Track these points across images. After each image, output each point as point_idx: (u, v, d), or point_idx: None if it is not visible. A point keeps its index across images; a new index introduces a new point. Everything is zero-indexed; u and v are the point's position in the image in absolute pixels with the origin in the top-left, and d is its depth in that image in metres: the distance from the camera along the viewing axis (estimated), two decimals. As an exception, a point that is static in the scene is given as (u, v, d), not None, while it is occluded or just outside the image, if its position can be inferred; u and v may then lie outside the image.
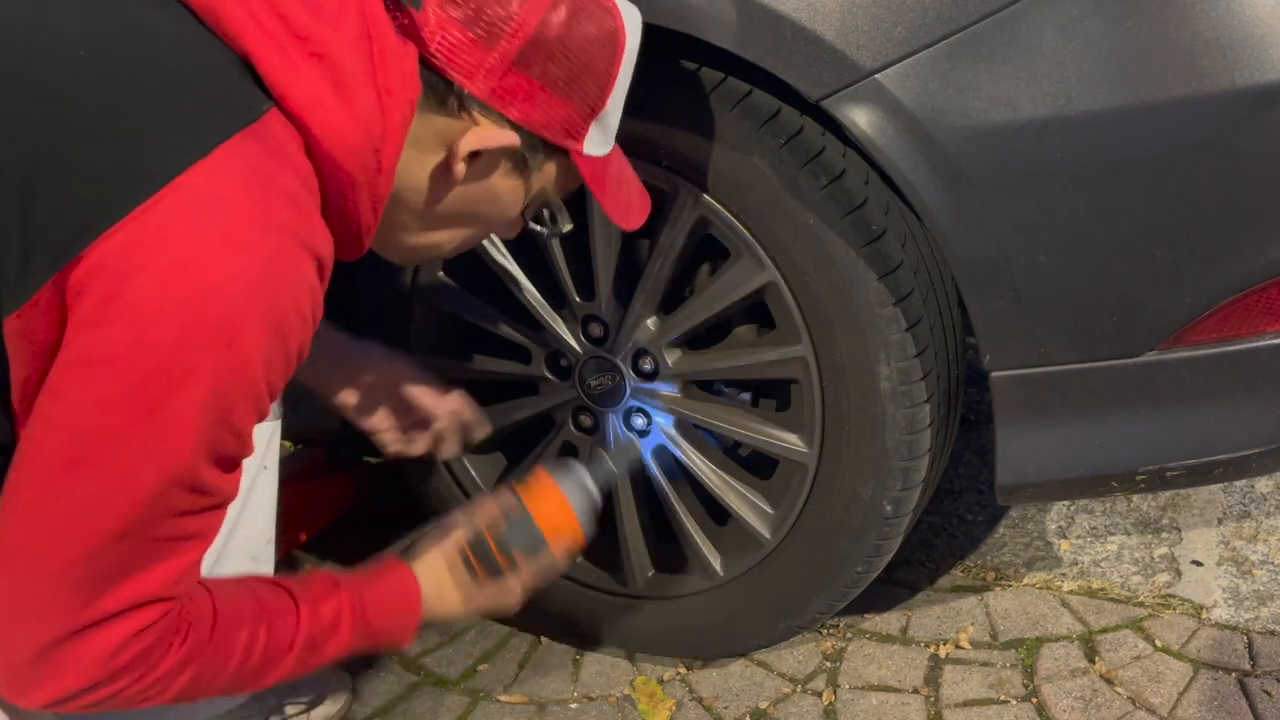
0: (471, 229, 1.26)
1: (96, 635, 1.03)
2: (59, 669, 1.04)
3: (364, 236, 1.16)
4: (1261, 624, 1.89)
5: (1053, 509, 2.19)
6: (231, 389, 1.00)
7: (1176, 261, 1.41)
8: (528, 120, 1.15)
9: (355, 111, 1.06)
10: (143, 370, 0.96)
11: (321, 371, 1.49)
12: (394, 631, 1.30)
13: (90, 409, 0.97)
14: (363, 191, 1.11)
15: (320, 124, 1.05)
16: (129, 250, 0.95)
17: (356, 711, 1.84)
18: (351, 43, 1.06)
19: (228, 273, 0.96)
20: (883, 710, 1.79)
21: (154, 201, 0.95)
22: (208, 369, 0.97)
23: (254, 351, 0.99)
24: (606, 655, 1.93)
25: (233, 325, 0.97)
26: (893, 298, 1.51)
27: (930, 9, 1.35)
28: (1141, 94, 1.34)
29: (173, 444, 0.99)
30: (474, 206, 1.21)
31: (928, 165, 1.39)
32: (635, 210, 1.29)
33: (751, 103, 1.48)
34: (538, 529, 1.36)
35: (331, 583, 1.25)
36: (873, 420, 1.57)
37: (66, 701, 1.06)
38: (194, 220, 0.96)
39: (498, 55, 1.12)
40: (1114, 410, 1.51)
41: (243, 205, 0.98)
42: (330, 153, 1.07)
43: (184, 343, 0.96)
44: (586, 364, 1.73)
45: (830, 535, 1.68)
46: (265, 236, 0.99)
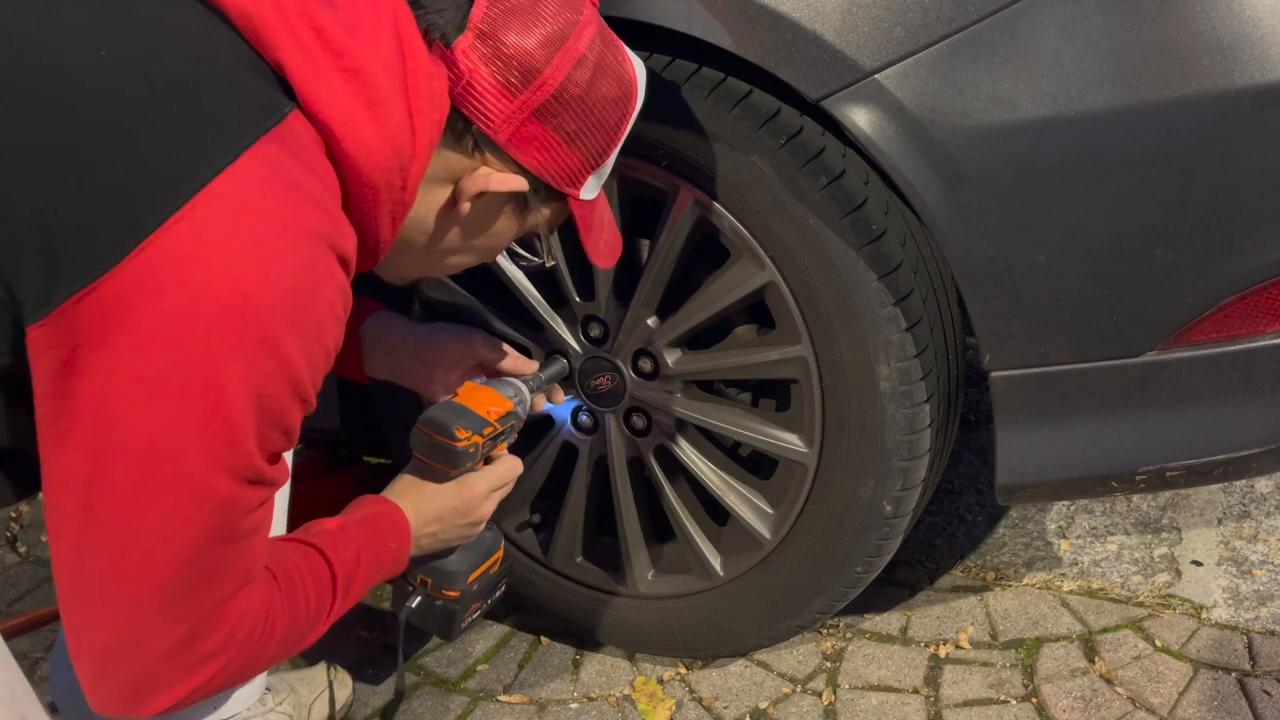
0: (462, 258, 1.29)
1: (205, 636, 1.06)
2: (179, 674, 1.07)
3: (379, 251, 1.18)
4: (1261, 624, 1.89)
5: (1053, 509, 2.19)
6: (280, 393, 1.02)
7: (1176, 261, 1.41)
8: (538, 168, 1.19)
9: (385, 130, 1.08)
10: (194, 385, 0.97)
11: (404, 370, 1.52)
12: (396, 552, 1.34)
13: (146, 429, 0.98)
14: (384, 208, 1.13)
15: (351, 140, 1.07)
16: (164, 263, 0.96)
17: (356, 711, 1.84)
18: (385, 60, 1.08)
19: (264, 281, 0.98)
20: (883, 710, 1.80)
21: (186, 211, 0.96)
22: (255, 377, 0.99)
23: (295, 355, 1.01)
24: (606, 655, 1.93)
25: (274, 332, 0.99)
26: (893, 298, 1.51)
27: (930, 9, 1.35)
28: (1141, 94, 1.34)
29: (234, 451, 1.01)
30: (470, 240, 1.25)
31: (928, 165, 1.39)
32: (611, 251, 1.33)
33: (751, 103, 1.48)
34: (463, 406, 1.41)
35: (336, 526, 1.28)
36: (873, 420, 1.57)
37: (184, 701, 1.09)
38: (227, 230, 0.97)
39: (520, 104, 1.15)
40: (1114, 410, 1.51)
41: (273, 212, 1.00)
42: (357, 169, 1.08)
43: (230, 354, 0.97)
44: (586, 364, 1.73)
45: (830, 535, 1.68)
46: (297, 243, 1.00)
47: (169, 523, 1.00)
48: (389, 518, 1.35)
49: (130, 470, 0.99)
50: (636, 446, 1.77)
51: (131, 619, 1.03)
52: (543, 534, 1.90)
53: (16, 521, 2.36)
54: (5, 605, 2.13)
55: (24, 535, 2.32)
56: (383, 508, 1.35)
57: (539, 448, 1.84)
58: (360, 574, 1.27)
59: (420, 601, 1.46)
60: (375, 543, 1.31)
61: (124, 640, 1.04)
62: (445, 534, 1.40)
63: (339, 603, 1.24)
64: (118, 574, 1.02)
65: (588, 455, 1.81)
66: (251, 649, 1.11)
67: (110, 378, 0.97)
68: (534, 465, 1.81)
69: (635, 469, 1.80)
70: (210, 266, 0.96)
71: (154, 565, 1.01)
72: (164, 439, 0.98)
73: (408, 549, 1.36)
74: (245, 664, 1.12)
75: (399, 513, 1.35)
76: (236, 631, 1.09)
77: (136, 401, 0.97)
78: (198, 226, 0.96)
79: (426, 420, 1.40)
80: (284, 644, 1.17)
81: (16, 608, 2.11)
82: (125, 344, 0.96)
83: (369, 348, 1.52)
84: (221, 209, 0.97)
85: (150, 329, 0.96)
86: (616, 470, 1.79)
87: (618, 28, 1.39)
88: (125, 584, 1.02)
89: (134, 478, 0.99)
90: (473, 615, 1.51)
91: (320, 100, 1.06)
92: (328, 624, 1.24)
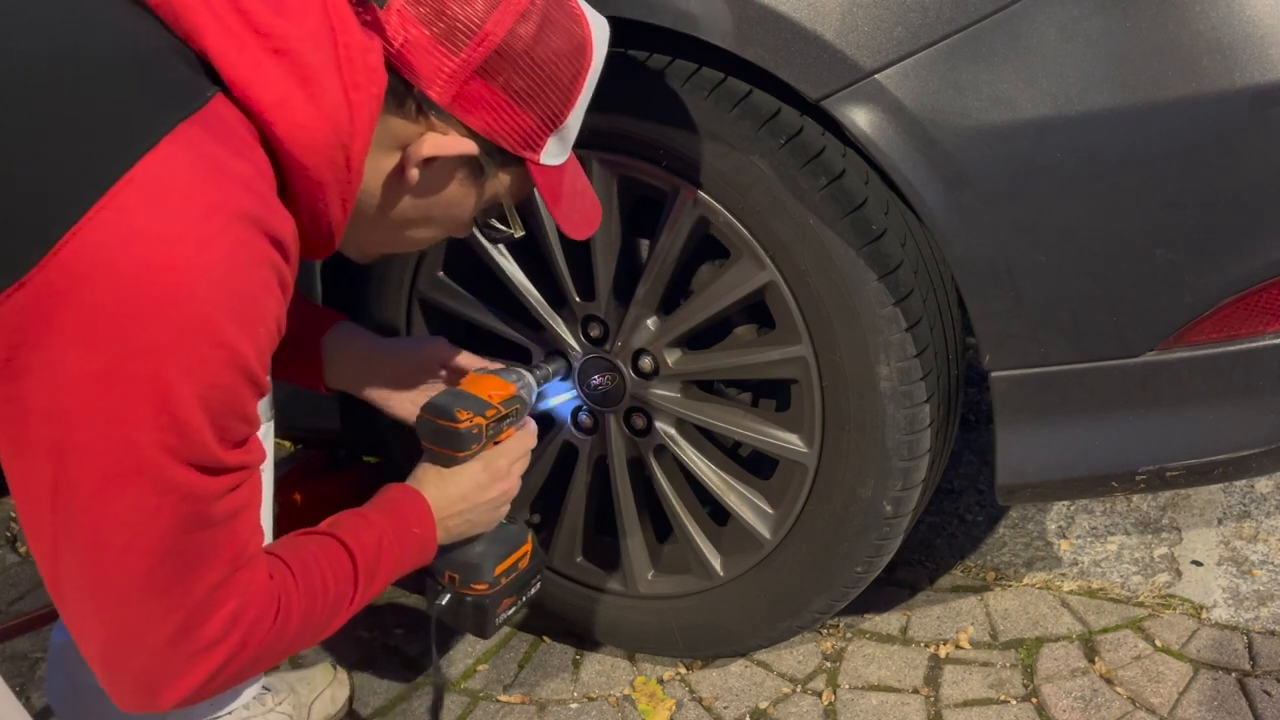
0: (424, 231, 1.25)
1: (202, 622, 1.05)
2: (186, 663, 1.05)
3: (334, 235, 1.14)
4: (1261, 624, 1.89)
5: (1053, 509, 2.19)
6: (228, 381, 1.00)
7: (1176, 261, 1.41)
8: (487, 130, 1.14)
9: (321, 108, 1.04)
10: (138, 379, 0.95)
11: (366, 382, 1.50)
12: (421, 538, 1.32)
13: (99, 425, 0.96)
14: (332, 190, 1.09)
15: (285, 122, 1.04)
16: (91, 254, 0.93)
17: (356, 711, 1.84)
18: (315, 37, 1.04)
19: (196, 268, 0.95)
20: (883, 710, 1.80)
21: (107, 199, 0.93)
22: (199, 367, 0.97)
23: (238, 340, 0.99)
24: (606, 655, 1.93)
25: (212, 320, 0.97)
26: (893, 298, 1.51)
27: (930, 9, 1.35)
28: (1141, 94, 1.34)
29: (188, 443, 0.99)
30: (426, 211, 1.21)
31: (928, 165, 1.39)
32: (587, 221, 1.28)
33: (751, 103, 1.48)
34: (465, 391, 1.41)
35: (357, 514, 1.27)
36: (873, 420, 1.57)
37: (202, 690, 1.07)
38: (152, 217, 0.95)
39: (460, 62, 1.10)
40: (1114, 410, 1.51)
41: (197, 196, 0.97)
42: (294, 152, 1.05)
43: (170, 346, 0.95)
44: (586, 364, 1.73)
45: (830, 535, 1.68)
46: (225, 226, 0.97)
47: (137, 516, 0.99)
48: (410, 502, 1.33)
49: (92, 467, 0.97)
50: (636, 446, 1.77)
51: (122, 614, 1.02)
52: (543, 534, 1.90)
53: (16, 522, 2.36)
54: (5, 605, 2.13)
55: (24, 535, 2.32)
56: (403, 493, 1.34)
57: (539, 448, 1.84)
58: (384, 560, 1.25)
59: (450, 599, 1.44)
60: (397, 528, 1.28)
61: (119, 636, 1.03)
62: (471, 514, 1.38)
63: (362, 588, 1.22)
64: (98, 571, 1.01)
65: (588, 455, 1.81)
66: (264, 634, 1.10)
67: (56, 376, 0.95)
68: (534, 465, 1.81)
69: (635, 469, 1.80)
70: (139, 255, 0.94)
71: (131, 559, 1.00)
72: (118, 434, 0.96)
73: (433, 533, 1.33)
74: (262, 649, 1.10)
75: (419, 497, 1.33)
76: (241, 616, 1.07)
77: (86, 398, 0.95)
78: (121, 215, 0.94)
79: (429, 406, 1.39)
80: (304, 629, 1.15)
81: (16, 607, 2.11)
82: (65, 340, 0.94)
83: (330, 359, 1.49)
84: (144, 195, 0.95)
85: (87, 323, 0.94)
86: (616, 470, 1.79)
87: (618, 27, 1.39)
88: (108, 580, 1.01)
89: (96, 474, 0.97)
90: (506, 612, 1.47)
91: (249, 83, 1.02)
92: (352, 610, 1.22)
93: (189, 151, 0.98)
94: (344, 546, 1.22)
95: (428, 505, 1.33)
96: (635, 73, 1.52)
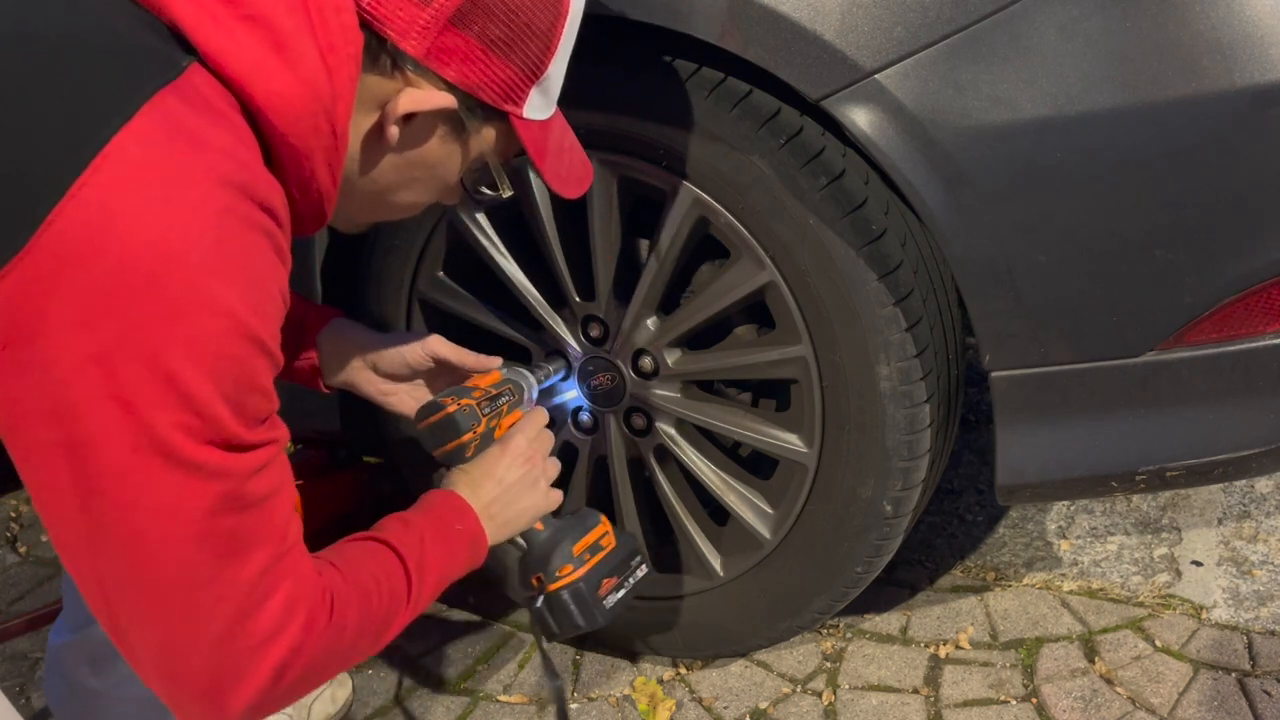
0: (410, 194, 1.21)
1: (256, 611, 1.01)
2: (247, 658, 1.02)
3: (325, 205, 1.12)
4: (1261, 624, 1.89)
5: (1053, 509, 2.19)
6: (235, 351, 0.97)
7: (1176, 261, 1.41)
8: (465, 82, 1.11)
9: (300, 74, 1.02)
10: (140, 359, 0.92)
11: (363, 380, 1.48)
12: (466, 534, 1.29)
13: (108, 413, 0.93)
14: (319, 158, 1.07)
15: (265, 91, 1.01)
16: (77, 234, 0.91)
17: (356, 711, 1.84)
18: (286, 2, 1.01)
19: (186, 239, 0.93)
20: (883, 710, 1.80)
21: (87, 176, 0.91)
22: (203, 340, 0.94)
23: (239, 308, 0.96)
24: (606, 655, 1.93)
25: (207, 288, 0.94)
26: (893, 298, 1.51)
27: (930, 9, 1.35)
28: (1141, 94, 1.34)
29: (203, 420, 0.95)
30: (410, 171, 1.17)
31: (928, 165, 1.39)
32: (576, 179, 1.25)
33: (751, 103, 1.48)
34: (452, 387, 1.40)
35: (396, 519, 1.24)
36: (873, 420, 1.57)
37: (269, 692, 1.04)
38: (134, 191, 0.92)
39: (433, 13, 1.07)
40: (1114, 410, 1.51)
41: (179, 167, 0.94)
42: (276, 120, 1.02)
43: (169, 321, 0.92)
44: (586, 364, 1.73)
45: (830, 535, 1.68)
46: (209, 194, 0.95)
47: (167, 503, 0.96)
48: (443, 499, 1.30)
49: (111, 458, 0.94)
50: (636, 446, 1.77)
51: (171, 609, 0.99)
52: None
53: (16, 521, 2.36)
54: (5, 605, 2.13)
55: (24, 535, 2.32)
56: (436, 495, 1.32)
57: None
58: (430, 558, 1.21)
59: (544, 601, 1.39)
60: (438, 526, 1.25)
61: (172, 636, 1.00)
62: (509, 496, 1.35)
63: (415, 586, 1.19)
64: (139, 567, 0.98)
65: (588, 455, 1.81)
66: (323, 629, 1.06)
67: (56, 366, 0.92)
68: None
69: (635, 469, 1.80)
70: (124, 231, 0.91)
71: (170, 549, 0.97)
72: (128, 421, 0.93)
73: (478, 526, 1.30)
74: (323, 648, 1.07)
75: (452, 494, 1.31)
76: (294, 607, 1.04)
77: (90, 385, 0.92)
78: (103, 191, 0.91)
79: (419, 412, 1.38)
80: (363, 628, 1.12)
81: (16, 608, 2.12)
82: (58, 328, 0.91)
83: (326, 358, 1.46)
84: (124, 169, 0.92)
85: (79, 307, 0.91)
86: (616, 470, 1.79)
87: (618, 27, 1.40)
88: (150, 576, 0.98)
89: (117, 464, 0.94)
90: (614, 594, 1.40)
91: (224, 52, 1.00)
92: (410, 610, 1.19)
93: (166, 122, 0.95)
94: (387, 546, 1.19)
95: (463, 499, 1.31)
96: (635, 73, 1.52)
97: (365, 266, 1.80)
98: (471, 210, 1.70)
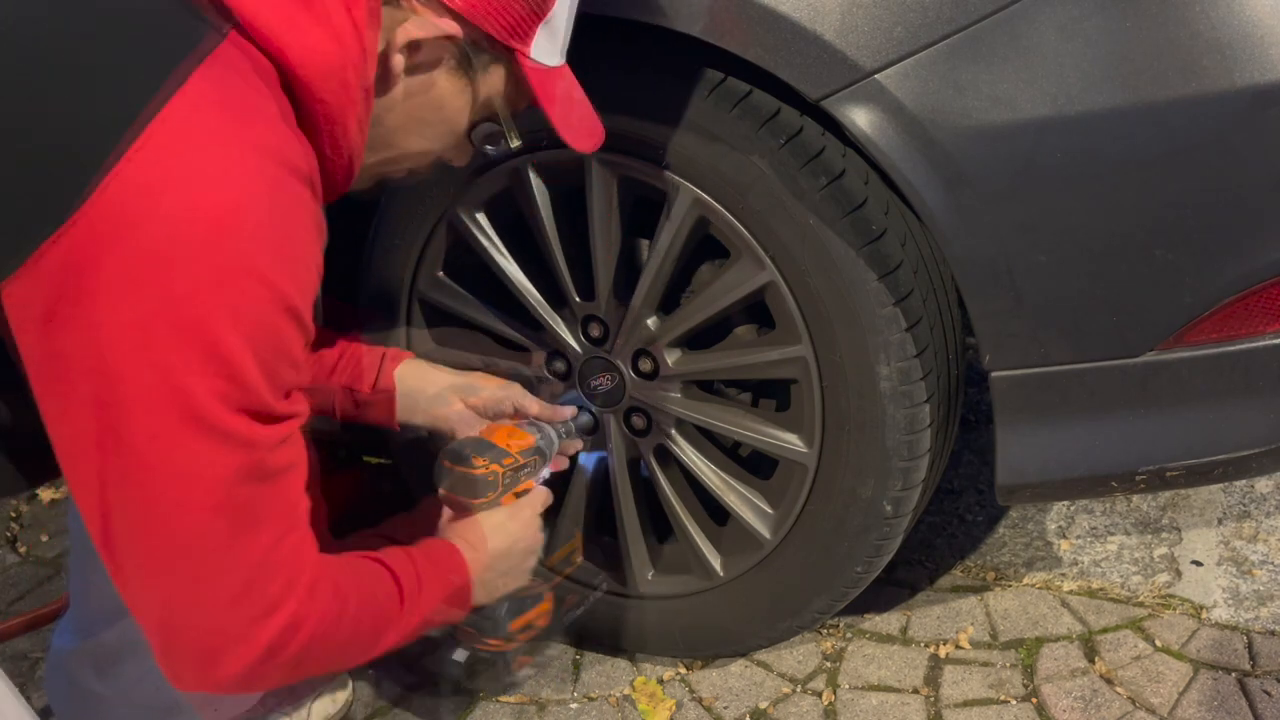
0: (419, 140, 1.21)
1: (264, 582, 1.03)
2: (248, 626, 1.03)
3: (354, 163, 1.13)
4: (1261, 624, 1.89)
5: (1053, 509, 2.19)
6: (274, 321, 0.98)
7: (1176, 261, 1.41)
8: (470, 10, 1.11)
9: (328, 28, 1.03)
10: (184, 323, 0.94)
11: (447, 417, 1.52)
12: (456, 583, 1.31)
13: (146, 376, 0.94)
14: (350, 114, 1.08)
15: (298, 47, 1.02)
16: (131, 197, 0.92)
17: (356, 711, 1.84)
18: None
19: (239, 208, 0.94)
20: (883, 710, 1.80)
21: (143, 141, 0.93)
22: (246, 308, 0.96)
23: (281, 279, 0.98)
24: (606, 655, 1.93)
25: (256, 259, 0.96)
26: (893, 298, 1.51)
27: (930, 9, 1.35)
28: (1141, 94, 1.34)
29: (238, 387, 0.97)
30: (419, 111, 1.17)
31: (928, 165, 1.39)
32: (587, 131, 1.25)
33: (751, 103, 1.48)
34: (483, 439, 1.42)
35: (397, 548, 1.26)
36: (873, 420, 1.57)
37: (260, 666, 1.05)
38: (190, 157, 0.94)
39: None
40: (1114, 410, 1.51)
41: (232, 136, 0.96)
42: (310, 78, 1.04)
43: (216, 287, 0.94)
44: (586, 364, 1.73)
45: (830, 535, 1.68)
46: (262, 166, 0.97)
47: (192, 467, 0.97)
48: (446, 551, 1.33)
49: (144, 420, 0.95)
50: (636, 446, 1.77)
51: (180, 571, 1.00)
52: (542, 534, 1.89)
53: (16, 521, 2.36)
54: (5, 605, 2.13)
55: (24, 535, 2.32)
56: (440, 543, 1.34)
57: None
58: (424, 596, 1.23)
59: (468, 656, 1.43)
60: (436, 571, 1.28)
61: (179, 597, 1.01)
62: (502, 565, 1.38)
63: (405, 616, 1.21)
64: (155, 528, 0.99)
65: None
66: (322, 612, 1.08)
67: (100, 328, 0.93)
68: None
69: (635, 469, 1.80)
70: (180, 197, 0.93)
71: (188, 513, 0.98)
72: (166, 384, 0.94)
73: (468, 586, 1.33)
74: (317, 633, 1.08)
75: (454, 549, 1.33)
76: (295, 585, 1.05)
77: (130, 349, 0.94)
78: (158, 155, 0.93)
79: (447, 452, 1.39)
80: (357, 628, 1.14)
81: (16, 607, 2.11)
82: (107, 288, 0.92)
83: (405, 395, 1.49)
84: (179, 135, 0.94)
85: (129, 269, 0.92)
86: (616, 470, 1.79)
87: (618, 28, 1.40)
88: (165, 537, 0.99)
89: (146, 428, 0.96)
90: (522, 670, 1.48)
91: (258, 14, 1.01)
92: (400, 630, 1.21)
93: (217, 89, 0.97)
94: (389, 570, 1.21)
95: (463, 558, 1.33)
96: (635, 72, 1.52)
97: (365, 266, 1.80)
98: (472, 210, 1.70)
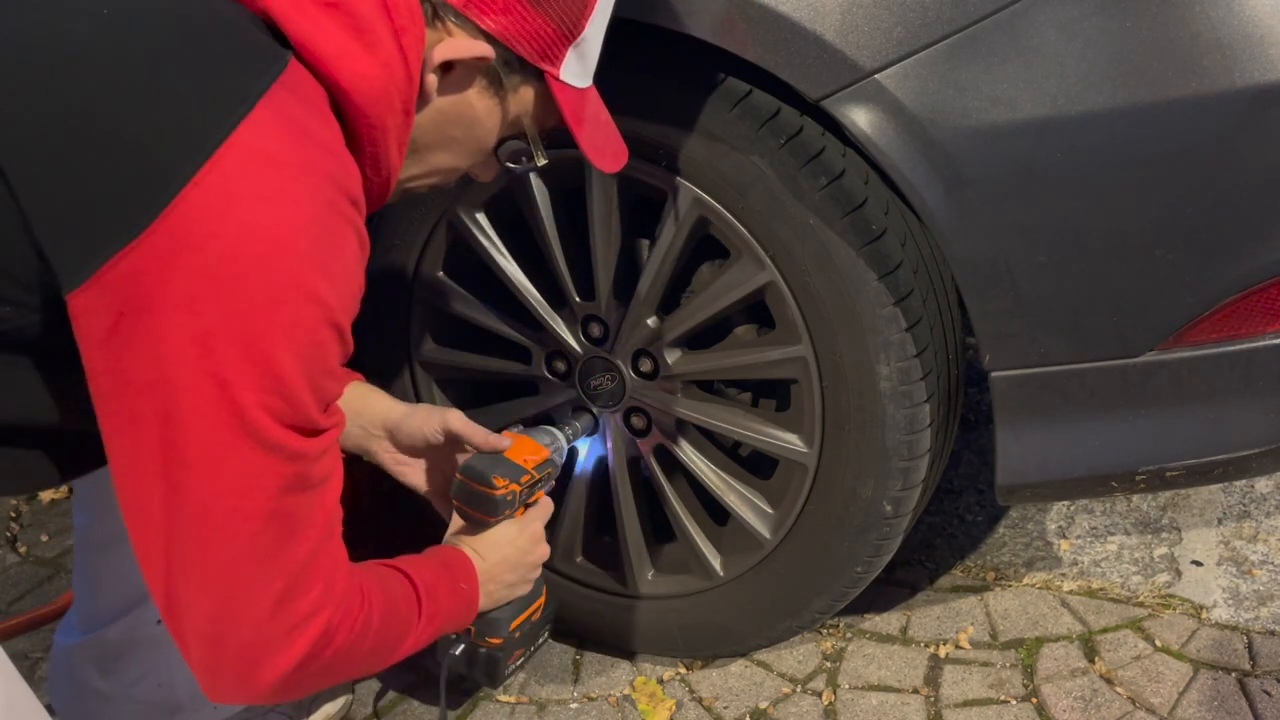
0: (447, 156, 1.23)
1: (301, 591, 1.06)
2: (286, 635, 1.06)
3: (391, 180, 1.17)
4: (1261, 624, 1.89)
5: (1053, 509, 2.19)
6: (324, 338, 1.02)
7: (1176, 261, 1.41)
8: (503, 33, 1.14)
9: (378, 56, 1.07)
10: (242, 341, 0.97)
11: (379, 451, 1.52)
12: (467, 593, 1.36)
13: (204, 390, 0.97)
14: (391, 135, 1.12)
15: (349, 73, 1.06)
16: (197, 218, 0.95)
17: (356, 711, 1.84)
18: None
19: (294, 229, 0.98)
20: (883, 710, 1.80)
21: (213, 164, 0.96)
22: (299, 326, 0.99)
23: (331, 298, 1.01)
24: (606, 655, 1.93)
25: (309, 279, 0.99)
26: (893, 298, 1.51)
27: (930, 9, 1.35)
28: (1141, 94, 1.34)
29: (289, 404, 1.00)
30: (448, 129, 1.20)
31: (928, 165, 1.39)
32: (613, 152, 1.27)
33: (751, 103, 1.48)
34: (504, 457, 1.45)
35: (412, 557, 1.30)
36: (873, 420, 1.57)
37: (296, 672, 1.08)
38: (253, 181, 0.97)
39: None
40: (1114, 410, 1.51)
41: (291, 160, 0.99)
42: (359, 102, 1.07)
43: (272, 305, 0.97)
44: (586, 364, 1.73)
45: (830, 535, 1.68)
46: (316, 189, 1.00)
47: (244, 479, 1.00)
48: (459, 560, 1.37)
49: (199, 434, 0.98)
50: (636, 446, 1.77)
51: (230, 582, 1.03)
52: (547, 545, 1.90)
53: (16, 521, 2.36)
54: (5, 605, 2.13)
55: (24, 535, 2.32)
56: (452, 551, 1.38)
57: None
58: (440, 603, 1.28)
59: (464, 649, 1.46)
60: (450, 580, 1.33)
61: (228, 606, 1.04)
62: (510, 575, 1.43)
63: (426, 612, 1.25)
64: (207, 539, 1.02)
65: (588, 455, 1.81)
66: (353, 618, 1.12)
67: (163, 343, 0.96)
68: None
69: (635, 469, 1.80)
70: (241, 218, 0.96)
71: (239, 523, 1.01)
72: (224, 397, 0.98)
73: (476, 593, 1.38)
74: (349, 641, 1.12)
75: (465, 558, 1.38)
76: (330, 592, 1.09)
77: (191, 364, 0.97)
78: (225, 179, 0.96)
79: (466, 469, 1.42)
80: (383, 634, 1.17)
81: (16, 607, 2.12)
82: (171, 305, 0.95)
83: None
84: (245, 160, 0.97)
85: (190, 287, 0.95)
86: (616, 470, 1.79)
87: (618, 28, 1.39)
88: (216, 548, 1.02)
89: (206, 439, 0.99)
90: (516, 663, 1.50)
91: (313, 40, 1.05)
92: (416, 638, 1.25)
93: (280, 115, 1.00)
94: (409, 579, 1.25)
95: (473, 567, 1.38)
96: (635, 72, 1.52)
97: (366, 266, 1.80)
98: (472, 210, 1.70)
